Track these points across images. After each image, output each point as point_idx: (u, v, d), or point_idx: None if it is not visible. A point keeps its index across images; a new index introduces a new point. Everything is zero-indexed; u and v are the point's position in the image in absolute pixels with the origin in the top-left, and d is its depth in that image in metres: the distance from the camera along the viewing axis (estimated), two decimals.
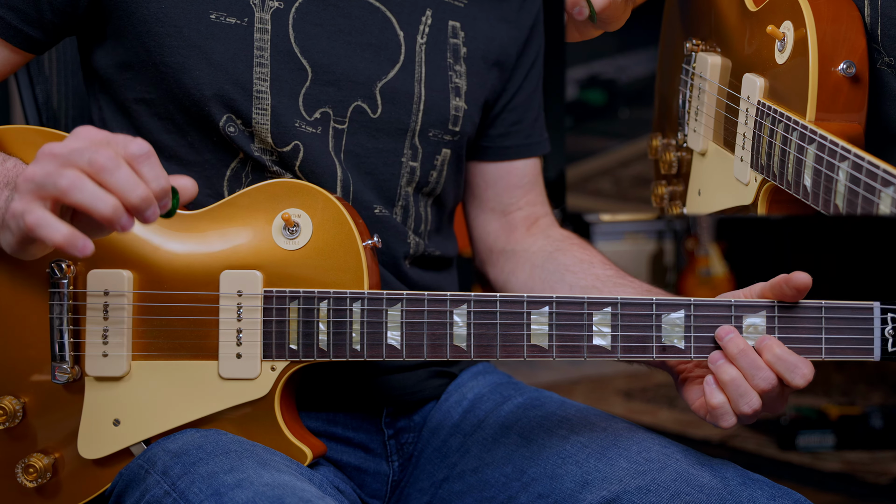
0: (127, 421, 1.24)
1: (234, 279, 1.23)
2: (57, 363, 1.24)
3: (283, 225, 1.24)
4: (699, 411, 1.21)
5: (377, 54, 1.37)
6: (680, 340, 1.18)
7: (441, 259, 1.48)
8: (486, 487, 1.33)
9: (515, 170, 1.56)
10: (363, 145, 1.37)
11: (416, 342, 1.21)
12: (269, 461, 1.17)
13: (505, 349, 1.20)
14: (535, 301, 1.19)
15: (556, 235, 1.53)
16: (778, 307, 1.17)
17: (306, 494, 1.11)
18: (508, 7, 1.50)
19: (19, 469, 1.25)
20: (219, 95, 1.29)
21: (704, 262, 4.68)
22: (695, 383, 1.23)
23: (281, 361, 1.23)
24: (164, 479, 1.17)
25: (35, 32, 1.31)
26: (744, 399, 1.14)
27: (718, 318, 1.17)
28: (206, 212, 1.26)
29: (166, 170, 1.30)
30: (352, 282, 1.23)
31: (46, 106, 1.64)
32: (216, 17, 1.30)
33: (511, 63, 1.51)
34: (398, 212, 1.40)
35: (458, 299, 1.20)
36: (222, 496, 1.10)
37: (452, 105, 1.43)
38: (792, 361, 1.14)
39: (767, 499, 1.16)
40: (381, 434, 1.42)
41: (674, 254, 5.02)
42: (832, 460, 3.22)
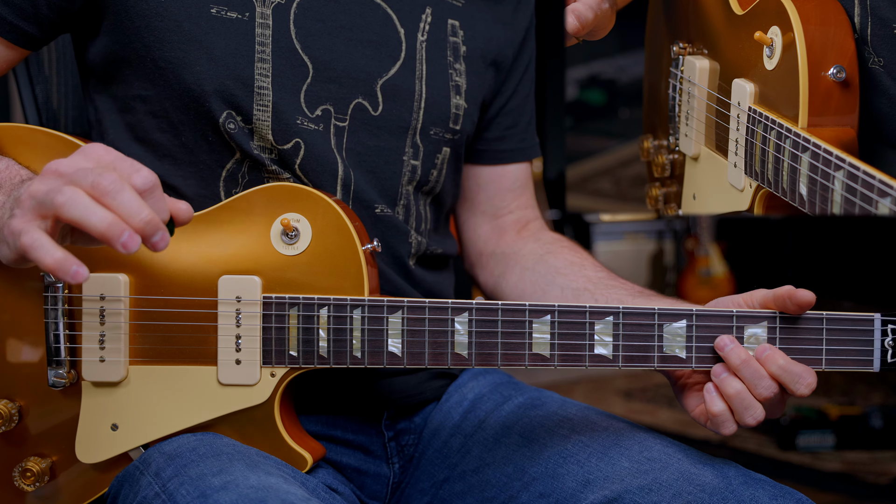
0: (125, 426, 1.23)
1: (233, 285, 1.22)
2: (53, 368, 1.23)
3: (282, 230, 1.23)
4: (699, 418, 1.21)
5: (378, 51, 1.36)
6: (681, 350, 1.18)
7: (442, 257, 1.47)
8: (487, 487, 1.33)
9: (508, 174, 1.56)
10: (364, 143, 1.36)
11: (418, 350, 1.20)
12: (259, 464, 1.16)
13: (506, 357, 1.20)
14: (537, 309, 1.19)
15: (547, 238, 1.53)
16: (779, 318, 1.17)
17: (290, 497, 1.09)
18: (504, 9, 1.50)
19: (16, 473, 1.25)
20: (219, 91, 1.28)
21: (704, 262, 4.67)
22: (693, 390, 1.23)
23: (281, 368, 1.22)
24: (155, 481, 1.17)
25: (31, 28, 1.30)
26: (748, 411, 1.14)
27: (720, 328, 1.18)
28: (204, 215, 1.25)
29: (161, 170, 1.31)
30: (352, 288, 1.22)
31: (46, 106, 1.64)
32: (217, 12, 1.29)
33: (507, 64, 1.50)
34: (400, 210, 1.39)
35: (460, 307, 1.20)
36: (207, 498, 1.09)
37: (453, 103, 1.42)
38: (797, 372, 1.14)
39: (769, 498, 1.16)
40: (381, 436, 1.41)
41: (674, 254, 5.01)
42: (832, 460, 3.22)
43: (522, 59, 1.54)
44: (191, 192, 1.31)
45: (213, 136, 1.31)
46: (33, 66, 1.63)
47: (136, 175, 1.00)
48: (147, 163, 1.31)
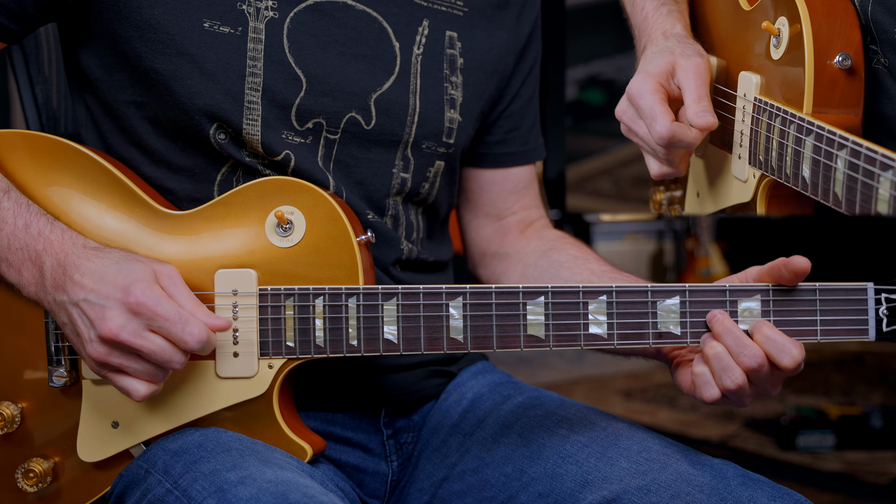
0: (126, 423, 1.24)
1: (229, 278, 1.23)
2: (53, 367, 1.24)
3: (276, 223, 1.24)
4: (690, 391, 1.21)
5: (372, 65, 1.37)
6: (675, 326, 1.19)
7: (435, 264, 1.47)
8: (487, 487, 1.33)
9: (511, 176, 1.55)
10: (354, 155, 1.37)
11: (413, 336, 1.21)
12: (270, 458, 1.17)
13: (502, 340, 1.20)
14: (530, 291, 1.20)
15: (551, 236, 1.53)
16: (773, 291, 1.17)
17: (310, 490, 1.11)
18: (508, 15, 1.49)
19: (19, 474, 1.25)
20: (209, 105, 1.29)
21: (704, 262, 4.68)
22: (688, 366, 1.23)
23: (278, 359, 1.23)
24: (165, 479, 1.17)
25: (15, 26, 1.30)
26: (727, 373, 1.14)
27: (713, 303, 1.18)
28: (199, 211, 1.26)
29: (157, 174, 1.32)
30: (346, 278, 1.23)
31: (46, 106, 1.64)
32: (210, 26, 1.29)
33: (508, 71, 1.50)
34: (388, 221, 1.40)
35: (454, 292, 1.20)
36: (225, 493, 1.10)
37: (447, 117, 1.42)
38: (781, 342, 1.14)
39: (768, 499, 1.17)
40: (380, 434, 1.42)
41: (674, 254, 5.02)
42: (832, 460, 3.22)
43: (525, 63, 1.53)
44: (186, 195, 1.32)
45: (205, 146, 1.32)
46: (33, 66, 1.63)
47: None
48: (143, 167, 1.33)
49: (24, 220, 1.20)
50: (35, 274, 1.19)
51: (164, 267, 1.18)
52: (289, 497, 1.08)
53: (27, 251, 1.19)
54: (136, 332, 1.14)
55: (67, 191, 1.26)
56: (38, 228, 1.20)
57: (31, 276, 1.19)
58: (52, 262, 1.18)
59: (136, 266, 1.16)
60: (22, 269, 1.19)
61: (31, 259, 1.19)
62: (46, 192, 1.26)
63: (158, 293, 1.15)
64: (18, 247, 1.19)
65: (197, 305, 1.17)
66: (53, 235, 1.19)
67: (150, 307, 1.14)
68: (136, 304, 1.13)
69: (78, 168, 1.27)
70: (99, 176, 1.27)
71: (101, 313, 1.14)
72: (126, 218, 1.26)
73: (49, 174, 1.26)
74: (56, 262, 1.18)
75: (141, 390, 1.16)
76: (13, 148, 1.27)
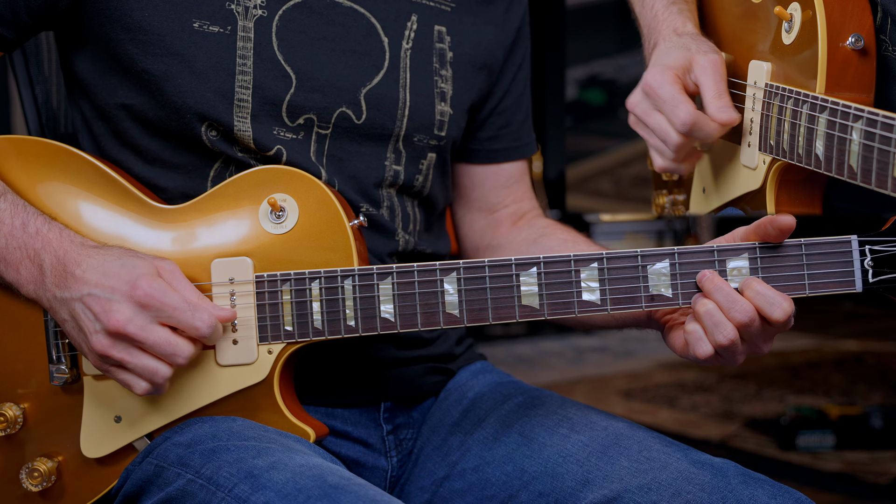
0: (128, 417, 1.25)
1: (225, 267, 1.24)
2: (54, 364, 1.24)
3: (269, 210, 1.25)
4: (683, 353, 1.22)
5: (361, 61, 1.38)
6: (667, 289, 1.20)
7: (433, 256, 1.48)
8: (487, 486, 1.34)
9: (503, 171, 1.57)
10: (346, 149, 1.38)
11: (410, 312, 1.22)
12: (292, 447, 1.19)
13: (497, 312, 1.21)
14: (522, 263, 1.21)
15: (541, 224, 1.55)
16: (759, 248, 1.19)
17: (345, 473, 1.14)
18: (495, 10, 1.51)
19: (24, 474, 1.26)
20: (200, 104, 1.31)
21: None
22: (680, 328, 1.24)
23: (277, 344, 1.24)
24: (184, 470, 1.17)
25: (9, 34, 1.32)
26: (718, 329, 1.15)
27: (703, 263, 1.20)
28: (192, 204, 1.28)
29: (150, 173, 1.33)
30: (341, 260, 1.24)
31: (46, 106, 1.64)
32: (199, 26, 1.31)
33: (498, 66, 1.52)
34: (385, 212, 1.41)
35: (448, 267, 1.22)
36: (258, 478, 1.12)
37: (438, 110, 1.43)
38: (771, 296, 1.15)
39: (768, 497, 1.17)
40: (379, 429, 1.42)
41: None
42: (832, 460, 3.22)
43: (514, 59, 1.55)
44: (179, 192, 1.34)
45: (197, 143, 1.33)
46: (33, 66, 1.64)
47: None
48: (136, 167, 1.35)
49: (21, 220, 1.21)
50: (34, 272, 1.20)
51: (164, 263, 1.19)
52: (326, 479, 1.10)
53: (25, 250, 1.20)
54: (142, 326, 1.15)
55: (61, 192, 1.27)
56: (36, 227, 1.21)
57: (29, 274, 1.20)
58: (52, 259, 1.19)
59: (138, 261, 1.18)
60: (20, 267, 1.20)
61: (29, 257, 1.20)
62: (40, 194, 1.27)
63: (164, 285, 1.17)
64: (16, 246, 1.20)
65: (201, 298, 1.19)
66: (51, 234, 1.20)
67: (158, 298, 1.15)
68: (145, 297, 1.15)
69: (70, 169, 1.28)
70: (92, 175, 1.28)
71: (108, 306, 1.15)
72: (120, 214, 1.27)
73: (42, 176, 1.28)
74: (56, 260, 1.19)
75: (141, 384, 1.18)
76: (5, 154, 1.28)
